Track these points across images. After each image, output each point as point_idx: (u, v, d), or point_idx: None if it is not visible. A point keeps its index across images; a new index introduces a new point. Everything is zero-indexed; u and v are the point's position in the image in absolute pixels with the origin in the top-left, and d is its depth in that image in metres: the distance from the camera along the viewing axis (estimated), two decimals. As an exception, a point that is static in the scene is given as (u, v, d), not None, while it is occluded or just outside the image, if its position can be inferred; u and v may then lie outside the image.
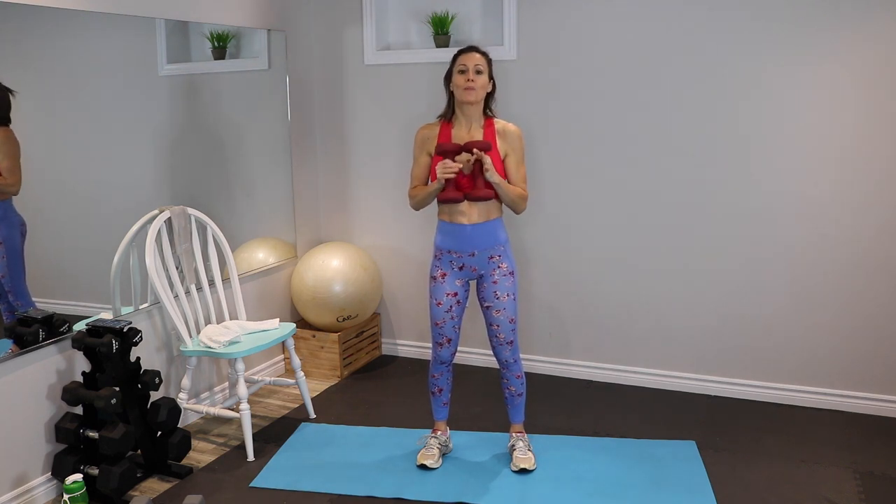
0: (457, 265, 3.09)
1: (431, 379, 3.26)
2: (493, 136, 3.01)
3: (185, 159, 3.84)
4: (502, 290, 3.07)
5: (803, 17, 3.48)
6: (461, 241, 3.04)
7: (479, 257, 3.06)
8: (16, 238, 3.00)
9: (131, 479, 2.97)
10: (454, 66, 3.00)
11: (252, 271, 4.11)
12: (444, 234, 3.09)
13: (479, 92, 2.96)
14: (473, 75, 2.94)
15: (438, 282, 3.11)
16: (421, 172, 3.10)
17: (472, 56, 2.97)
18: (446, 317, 3.12)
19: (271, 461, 3.31)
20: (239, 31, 4.01)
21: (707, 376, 3.93)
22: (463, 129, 3.03)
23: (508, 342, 3.12)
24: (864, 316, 3.61)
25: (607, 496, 2.97)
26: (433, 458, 3.20)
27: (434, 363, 3.23)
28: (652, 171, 3.86)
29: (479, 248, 3.04)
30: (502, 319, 3.09)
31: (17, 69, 2.93)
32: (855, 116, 3.48)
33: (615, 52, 3.83)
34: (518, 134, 3.04)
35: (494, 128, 3.03)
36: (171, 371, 3.63)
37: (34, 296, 3.07)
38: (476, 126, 3.03)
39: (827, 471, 3.15)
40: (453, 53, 3.07)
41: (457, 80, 2.97)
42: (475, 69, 2.95)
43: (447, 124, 3.06)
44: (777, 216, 3.67)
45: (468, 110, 3.00)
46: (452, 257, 3.08)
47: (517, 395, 3.22)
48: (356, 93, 4.43)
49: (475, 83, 2.94)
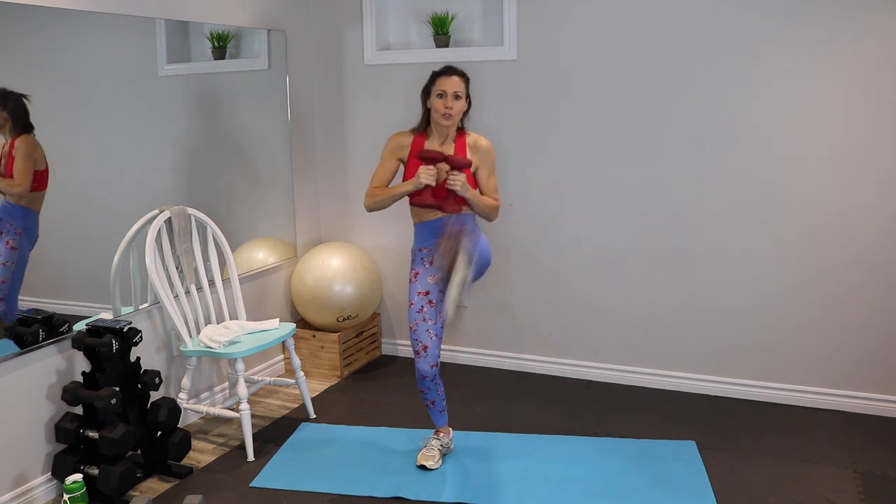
0: (427, 261, 3.15)
1: (420, 394, 3.22)
2: (465, 150, 3.10)
3: (185, 159, 3.84)
4: None
5: (803, 18, 3.48)
6: (429, 234, 3.13)
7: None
8: (27, 250, 3.03)
9: (131, 479, 2.97)
10: (433, 86, 3.06)
11: (252, 271, 4.11)
12: (416, 235, 3.20)
13: (455, 117, 3.05)
14: (451, 101, 3.02)
15: (412, 283, 3.17)
16: (385, 174, 3.18)
17: (451, 81, 3.03)
18: (418, 318, 3.10)
19: (271, 461, 3.31)
20: (239, 31, 4.01)
21: (707, 376, 3.93)
22: (436, 143, 3.12)
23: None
24: (863, 316, 3.61)
25: (607, 496, 2.97)
26: (433, 459, 3.20)
27: (418, 378, 3.13)
28: (652, 170, 3.86)
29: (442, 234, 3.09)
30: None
31: (17, 69, 2.93)
32: (856, 116, 3.48)
33: (615, 52, 3.83)
34: (489, 148, 3.14)
35: (466, 141, 3.11)
36: (171, 371, 3.63)
37: (35, 295, 3.07)
38: (449, 140, 3.11)
39: (827, 471, 3.15)
40: (433, 70, 3.11)
41: (435, 104, 3.04)
42: (454, 95, 3.02)
43: (420, 137, 3.13)
44: (777, 216, 3.67)
45: (443, 129, 3.09)
46: (423, 254, 3.16)
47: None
48: (356, 93, 4.43)
49: (452, 109, 3.02)
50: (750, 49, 3.59)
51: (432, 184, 2.99)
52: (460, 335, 4.42)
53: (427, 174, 2.98)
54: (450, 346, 4.44)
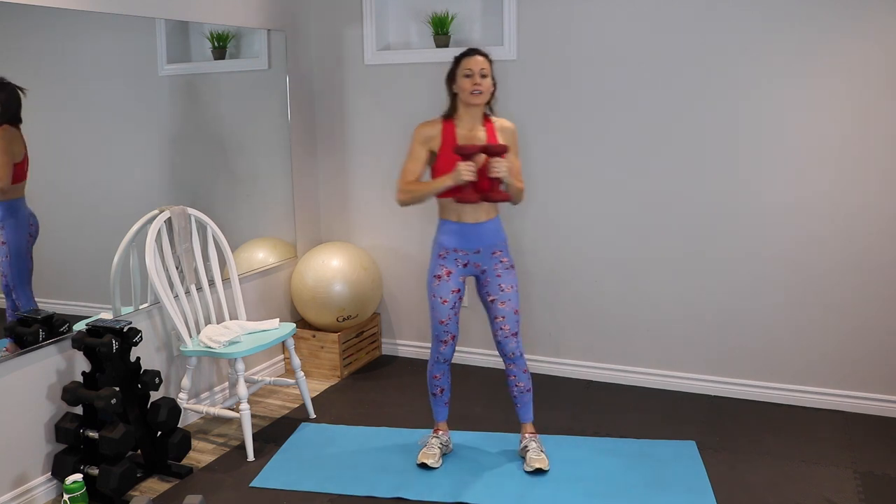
0: (461, 262, 3.13)
1: (433, 380, 3.27)
2: (495, 133, 3.10)
3: (186, 159, 3.84)
4: (506, 282, 3.13)
5: (802, 19, 3.48)
6: (468, 239, 3.10)
7: (484, 254, 3.12)
8: (22, 239, 3.01)
9: (131, 479, 2.97)
10: (458, 69, 3.05)
11: (252, 271, 4.11)
12: (449, 233, 3.13)
13: (485, 94, 3.04)
14: (479, 79, 3.01)
15: (444, 280, 3.13)
16: (417, 168, 3.12)
17: (476, 60, 3.03)
18: (451, 313, 3.15)
19: (271, 461, 3.31)
20: (239, 31, 4.01)
21: (707, 376, 3.93)
22: (465, 129, 3.09)
23: (514, 333, 3.15)
24: (863, 316, 3.61)
25: (607, 496, 2.97)
26: (434, 457, 3.20)
27: (436, 363, 3.23)
28: (652, 170, 3.86)
29: (484, 245, 3.11)
30: (508, 311, 3.13)
31: (17, 69, 2.93)
32: (855, 117, 3.48)
33: (615, 52, 3.83)
34: (514, 130, 3.17)
35: (494, 126, 3.11)
36: (171, 371, 3.63)
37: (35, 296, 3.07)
38: (478, 125, 3.09)
39: (827, 471, 3.15)
40: (454, 55, 3.10)
41: (463, 84, 3.02)
42: (480, 73, 3.01)
43: (449, 123, 3.10)
44: (776, 216, 3.67)
45: (473, 111, 3.08)
46: (458, 255, 3.12)
47: (525, 392, 3.23)
48: (356, 93, 4.43)
49: (482, 86, 3.01)
50: (750, 49, 3.59)
51: (473, 179, 2.94)
52: (460, 335, 4.41)
53: (467, 171, 2.92)
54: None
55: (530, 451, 3.19)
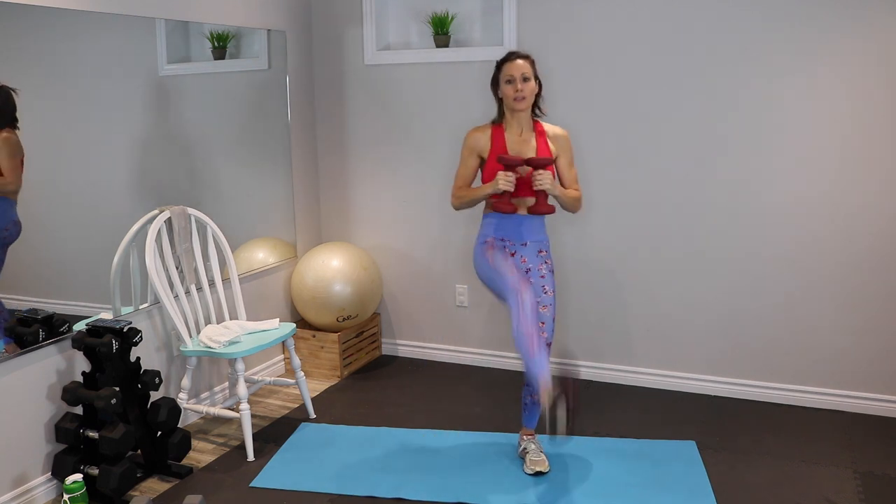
0: (510, 251, 3.08)
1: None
2: (546, 141, 3.08)
3: (185, 159, 3.84)
4: (549, 284, 3.09)
5: (803, 18, 3.48)
6: (515, 230, 3.07)
7: (530, 248, 3.08)
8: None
9: (131, 479, 2.97)
10: (500, 74, 3.05)
11: (252, 271, 4.11)
12: (496, 224, 3.09)
13: (528, 99, 3.03)
14: (521, 84, 3.00)
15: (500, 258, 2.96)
16: (468, 173, 3.14)
17: (516, 65, 3.02)
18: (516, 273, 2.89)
19: (271, 461, 3.31)
20: (239, 31, 4.01)
21: (707, 376, 3.93)
22: (514, 133, 3.08)
23: (548, 344, 3.04)
24: (863, 316, 3.61)
25: (607, 496, 2.97)
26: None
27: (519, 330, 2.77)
28: (652, 171, 3.86)
29: (531, 240, 3.09)
30: (547, 316, 3.06)
31: (17, 69, 2.93)
32: (856, 117, 3.48)
33: (615, 52, 3.83)
34: (566, 136, 3.14)
35: (545, 131, 3.10)
36: (171, 371, 3.63)
37: (35, 296, 3.07)
38: (527, 129, 3.09)
39: (827, 471, 3.15)
40: (496, 60, 3.10)
41: (506, 92, 3.03)
42: (522, 77, 3.00)
43: (498, 128, 3.10)
44: (777, 216, 3.67)
45: (519, 115, 3.07)
46: (506, 244, 3.08)
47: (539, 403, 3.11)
48: (356, 93, 4.43)
49: (524, 91, 3.00)
50: (751, 49, 3.59)
51: (511, 189, 2.94)
52: (460, 335, 4.42)
53: (505, 180, 2.93)
54: (450, 346, 4.44)
55: (530, 452, 3.19)
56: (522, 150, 3.06)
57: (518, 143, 3.07)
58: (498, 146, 3.06)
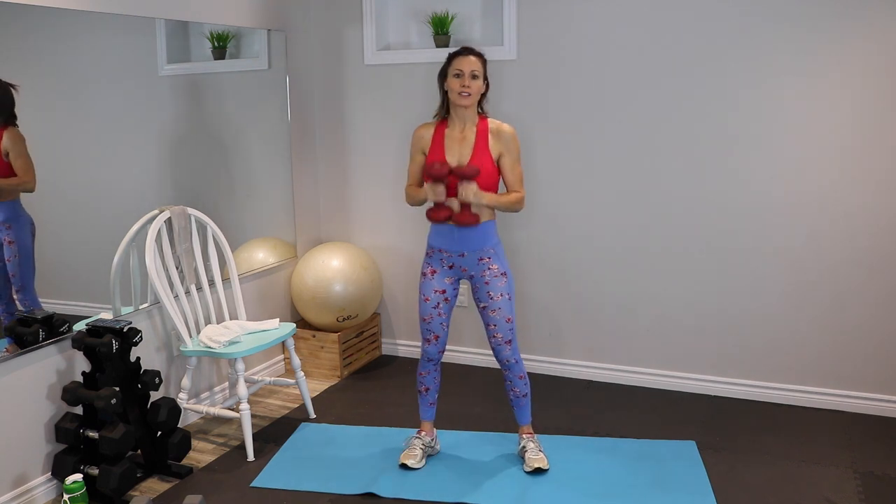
0: (447, 264, 3.11)
1: (419, 377, 3.26)
2: (487, 136, 3.02)
3: (186, 159, 3.84)
4: (495, 290, 3.07)
5: (802, 17, 3.48)
6: (451, 241, 3.07)
7: (469, 258, 3.07)
8: (27, 238, 3.02)
9: (131, 479, 2.97)
10: (449, 67, 3.00)
11: (252, 271, 4.11)
12: (436, 233, 3.13)
13: (474, 97, 2.99)
14: (469, 80, 2.95)
15: (427, 278, 3.14)
16: (416, 171, 3.15)
17: (468, 60, 2.97)
18: (433, 313, 3.14)
19: (271, 461, 3.31)
20: (239, 31, 4.01)
21: (707, 376, 3.93)
22: (456, 130, 3.05)
23: (507, 341, 3.12)
24: (864, 316, 3.61)
25: (607, 496, 2.97)
26: (415, 458, 3.20)
27: (422, 360, 3.23)
28: (652, 170, 3.86)
29: (469, 250, 3.06)
30: (499, 319, 3.09)
31: (17, 69, 2.93)
32: (856, 117, 3.48)
33: (615, 52, 3.83)
34: (512, 134, 3.04)
35: (488, 127, 3.04)
36: (171, 371, 3.63)
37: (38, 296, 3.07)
38: (470, 125, 3.04)
39: (827, 471, 3.15)
40: (449, 52, 3.06)
41: (452, 84, 2.98)
42: (471, 74, 2.96)
43: (442, 124, 3.08)
44: (776, 215, 3.67)
45: (462, 112, 3.03)
46: (443, 256, 3.11)
47: (522, 397, 3.22)
48: (356, 93, 4.42)
49: (470, 88, 2.96)
50: (751, 49, 3.58)
51: (440, 200, 2.96)
52: (460, 335, 4.42)
53: (433, 192, 2.95)
54: (450, 346, 4.43)
55: (529, 451, 3.19)
56: (460, 149, 3.01)
57: (456, 142, 3.02)
58: (436, 145, 3.04)
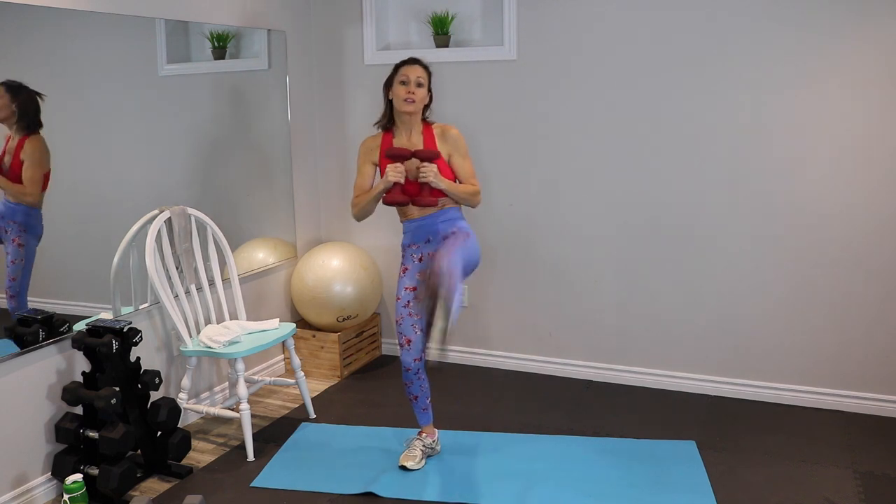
0: (416, 257, 3.15)
1: (405, 386, 3.24)
2: (433, 141, 3.09)
3: (186, 159, 3.84)
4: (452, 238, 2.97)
5: (803, 17, 3.48)
6: (416, 232, 3.13)
7: (434, 241, 3.10)
8: (33, 247, 3.04)
9: (131, 479, 2.97)
10: (395, 75, 3.07)
11: (252, 271, 4.11)
12: (405, 232, 3.18)
13: (418, 104, 3.05)
14: (414, 88, 3.03)
15: (400, 277, 3.17)
16: (364, 182, 3.18)
17: (414, 69, 3.05)
18: (403, 312, 3.14)
19: (271, 461, 3.31)
20: (239, 31, 4.01)
21: (707, 376, 3.93)
22: (403, 138, 3.11)
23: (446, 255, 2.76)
24: (864, 316, 3.61)
25: (607, 496, 2.97)
26: (414, 459, 3.20)
27: (402, 370, 3.18)
28: (652, 170, 3.86)
29: (434, 234, 3.10)
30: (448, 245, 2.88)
31: (16, 69, 2.93)
32: (856, 117, 3.48)
33: (615, 52, 3.83)
34: (457, 134, 3.12)
35: (434, 132, 3.11)
36: (171, 371, 3.63)
37: (35, 296, 3.07)
38: (416, 132, 3.11)
39: (827, 471, 3.15)
40: (396, 63, 3.11)
41: (398, 91, 3.04)
42: (416, 82, 3.03)
43: (388, 134, 3.14)
44: (778, 216, 3.67)
45: (407, 119, 3.09)
46: (412, 250, 3.16)
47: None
48: (356, 93, 4.43)
49: (415, 95, 3.02)
50: (752, 50, 3.58)
51: (401, 181, 2.99)
52: (460, 335, 4.41)
53: (394, 172, 2.98)
54: (450, 346, 4.43)
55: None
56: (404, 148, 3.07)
57: (407, 146, 3.09)
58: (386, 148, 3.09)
